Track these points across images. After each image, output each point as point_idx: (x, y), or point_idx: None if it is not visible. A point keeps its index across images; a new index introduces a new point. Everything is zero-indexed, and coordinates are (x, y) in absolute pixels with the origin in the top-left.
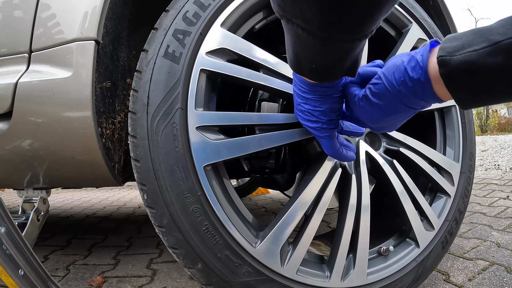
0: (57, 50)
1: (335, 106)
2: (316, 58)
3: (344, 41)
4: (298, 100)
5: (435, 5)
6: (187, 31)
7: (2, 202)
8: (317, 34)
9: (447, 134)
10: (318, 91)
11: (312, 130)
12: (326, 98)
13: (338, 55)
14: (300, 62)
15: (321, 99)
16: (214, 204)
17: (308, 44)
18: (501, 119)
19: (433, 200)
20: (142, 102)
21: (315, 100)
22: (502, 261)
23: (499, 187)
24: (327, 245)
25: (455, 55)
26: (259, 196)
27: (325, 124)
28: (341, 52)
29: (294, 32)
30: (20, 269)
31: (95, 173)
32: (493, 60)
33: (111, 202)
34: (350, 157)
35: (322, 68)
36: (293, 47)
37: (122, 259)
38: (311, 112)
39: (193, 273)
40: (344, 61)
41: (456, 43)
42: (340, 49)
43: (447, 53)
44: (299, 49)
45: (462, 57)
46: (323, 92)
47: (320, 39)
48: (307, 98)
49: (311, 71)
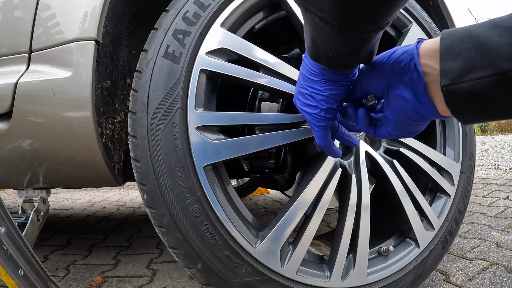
0: (57, 50)
1: (339, 95)
2: (332, 47)
3: (359, 32)
4: (303, 83)
5: (435, 5)
6: (187, 31)
7: (2, 202)
8: (334, 24)
9: (447, 134)
10: (328, 76)
11: (308, 116)
12: (333, 84)
13: (354, 45)
14: (317, 50)
15: (328, 84)
16: (214, 204)
17: (325, 33)
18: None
19: (433, 200)
20: (142, 102)
21: (321, 84)
22: (502, 261)
23: (499, 187)
24: (327, 245)
25: (459, 82)
26: (259, 196)
27: (324, 111)
28: (357, 42)
29: (312, 21)
30: (20, 269)
31: (95, 173)
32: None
33: (111, 202)
34: (337, 153)
35: (338, 57)
36: (310, 35)
37: (122, 259)
38: (313, 96)
39: (193, 273)
40: (361, 51)
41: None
42: (356, 40)
43: (451, 80)
44: (316, 37)
45: (467, 86)
46: (333, 77)
47: (337, 28)
48: (313, 80)
49: (328, 59)
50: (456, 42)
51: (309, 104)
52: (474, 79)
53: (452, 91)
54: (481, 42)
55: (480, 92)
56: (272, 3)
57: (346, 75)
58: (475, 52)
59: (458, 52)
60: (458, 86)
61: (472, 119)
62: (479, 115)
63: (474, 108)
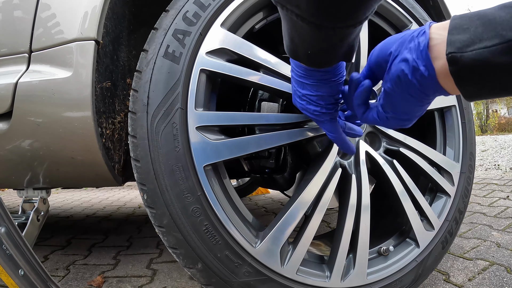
0: (57, 50)
1: (333, 91)
2: (311, 44)
3: (337, 28)
4: (295, 86)
5: (435, 5)
6: (187, 31)
7: (2, 202)
8: (311, 21)
9: (447, 134)
10: (315, 76)
11: (311, 115)
12: (323, 83)
13: (332, 41)
14: (296, 48)
15: (318, 83)
16: (214, 204)
17: (303, 30)
18: (501, 119)
19: (433, 200)
20: (142, 102)
21: (312, 85)
22: (502, 261)
23: (499, 187)
24: (327, 245)
25: (465, 51)
26: (259, 196)
27: (324, 108)
28: (335, 38)
29: (289, 18)
30: (20, 269)
31: (95, 173)
32: (506, 59)
33: (111, 202)
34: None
35: (317, 54)
36: (289, 33)
37: (122, 259)
38: (309, 97)
39: (193, 273)
40: (339, 47)
41: (464, 36)
42: (334, 36)
43: (456, 49)
44: (294, 35)
45: (473, 55)
46: (320, 76)
47: (314, 25)
48: (304, 83)
49: (307, 57)
50: (465, 20)
51: (308, 105)
52: (480, 48)
53: (457, 58)
54: (489, 19)
55: (485, 61)
56: (272, 3)
57: (331, 72)
58: (483, 27)
59: (466, 28)
60: (464, 54)
61: (475, 92)
62: (482, 87)
63: (478, 78)
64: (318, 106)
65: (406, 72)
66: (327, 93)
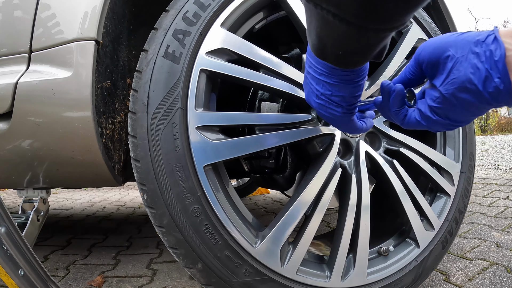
0: (57, 50)
1: (355, 92)
2: (345, 45)
3: (381, 30)
4: (313, 83)
5: (435, 5)
6: (187, 31)
7: (2, 202)
8: (351, 21)
9: (447, 134)
10: (339, 75)
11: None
12: (347, 83)
13: (371, 43)
14: (325, 48)
15: (341, 84)
16: (214, 204)
17: (338, 31)
18: (501, 119)
19: (433, 200)
20: (142, 102)
21: (333, 85)
22: (502, 261)
23: (499, 187)
24: (327, 245)
25: None
26: (259, 196)
27: (346, 109)
28: (374, 41)
29: (322, 17)
30: (20, 269)
31: (95, 173)
32: None
33: (111, 202)
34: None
35: (350, 54)
36: (317, 32)
37: (122, 259)
38: (328, 97)
39: (193, 273)
40: (376, 48)
41: None
42: (375, 38)
43: None
44: (325, 35)
45: None
46: (344, 76)
47: (356, 27)
48: (324, 81)
49: (336, 57)
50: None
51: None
52: None
53: None
54: None
55: None
56: (272, 3)
57: (356, 72)
58: None
59: None
60: None
61: None
62: None
63: None
64: (339, 107)
65: (475, 82)
66: (350, 94)
